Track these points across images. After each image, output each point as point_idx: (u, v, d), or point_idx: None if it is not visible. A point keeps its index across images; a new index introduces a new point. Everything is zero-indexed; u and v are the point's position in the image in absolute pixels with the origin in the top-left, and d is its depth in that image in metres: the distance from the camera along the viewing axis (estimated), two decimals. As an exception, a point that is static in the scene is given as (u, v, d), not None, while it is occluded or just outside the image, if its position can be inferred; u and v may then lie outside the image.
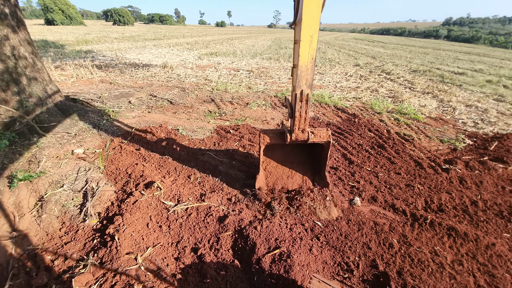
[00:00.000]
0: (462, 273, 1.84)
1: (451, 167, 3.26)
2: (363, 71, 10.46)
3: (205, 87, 6.99)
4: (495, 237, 2.18)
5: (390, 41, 36.81)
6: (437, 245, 2.08)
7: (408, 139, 4.15)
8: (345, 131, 4.41)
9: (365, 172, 3.17)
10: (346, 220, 2.32)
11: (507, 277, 1.81)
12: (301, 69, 1.89)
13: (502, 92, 7.67)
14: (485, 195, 2.74)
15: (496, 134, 4.44)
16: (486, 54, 24.36)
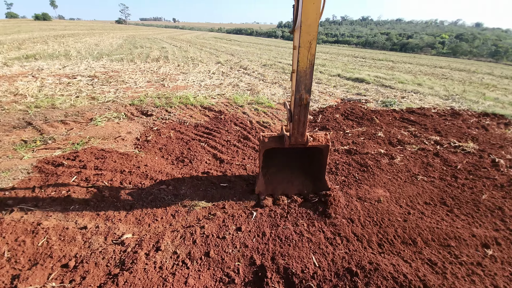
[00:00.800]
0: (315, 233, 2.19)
1: (298, 143, 3.97)
2: (224, 68, 11.10)
3: (13, 106, 4.81)
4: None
5: (244, 40, 41.89)
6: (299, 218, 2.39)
7: (266, 126, 4.71)
8: (214, 130, 4.38)
9: (235, 167, 3.23)
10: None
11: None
12: (300, 75, 1.91)
13: (320, 77, 10.53)
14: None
15: (320, 109, 5.96)
16: (307, 49, 33.03)
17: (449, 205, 2.65)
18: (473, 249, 2.10)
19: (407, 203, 2.66)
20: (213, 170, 3.17)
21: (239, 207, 2.52)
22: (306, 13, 1.70)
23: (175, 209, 2.47)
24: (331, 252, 2.00)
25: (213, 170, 3.17)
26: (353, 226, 2.28)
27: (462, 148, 4.01)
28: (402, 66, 18.55)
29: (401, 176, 3.16)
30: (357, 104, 6.50)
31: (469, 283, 1.79)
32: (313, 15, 1.71)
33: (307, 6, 1.66)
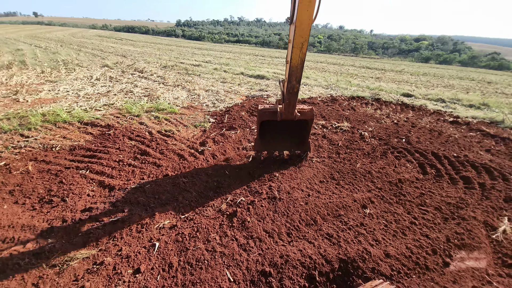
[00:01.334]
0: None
1: (205, 148, 3.77)
2: (113, 72, 9.42)
3: None
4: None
5: (138, 39, 37.32)
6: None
7: (170, 135, 4.24)
8: (99, 151, 3.53)
9: (129, 192, 2.68)
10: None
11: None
12: (292, 69, 2.29)
13: (224, 76, 10.62)
14: (232, 161, 3.45)
15: (226, 108, 5.94)
16: (210, 48, 32.96)
17: (336, 178, 3.13)
18: (356, 212, 2.53)
19: (307, 185, 2.96)
20: (99, 203, 2.51)
21: (138, 241, 2.08)
22: (301, 19, 1.94)
23: (38, 274, 1.77)
24: (245, 259, 1.92)
25: (99, 203, 2.51)
26: (264, 224, 2.30)
27: (340, 127, 4.91)
28: (294, 62, 21.45)
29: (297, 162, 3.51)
30: (260, 100, 6.90)
31: (357, 244, 2.12)
32: (306, 21, 1.96)
33: (302, 12, 1.88)
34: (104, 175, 3.00)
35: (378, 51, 67.06)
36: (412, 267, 1.92)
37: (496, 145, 4.64)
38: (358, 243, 2.13)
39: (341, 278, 1.82)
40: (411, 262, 1.95)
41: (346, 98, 7.94)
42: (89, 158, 3.33)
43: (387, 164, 3.56)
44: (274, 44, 60.65)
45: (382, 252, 2.02)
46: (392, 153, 3.92)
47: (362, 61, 33.77)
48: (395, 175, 3.26)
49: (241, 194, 2.72)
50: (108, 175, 2.99)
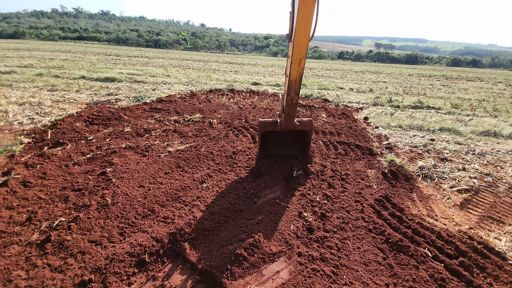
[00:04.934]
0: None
1: (9, 177, 2.89)
2: None
3: None
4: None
5: None
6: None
7: None
8: None
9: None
10: None
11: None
12: (291, 83, 2.45)
13: (54, 82, 8.37)
14: (50, 185, 2.85)
15: (53, 122, 4.78)
16: (36, 48, 24.74)
17: (181, 166, 3.36)
18: (195, 189, 2.85)
19: (150, 181, 2.98)
20: None
21: None
22: (298, 38, 2.08)
23: None
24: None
25: None
26: (90, 235, 2.12)
27: (192, 119, 5.23)
28: (156, 61, 20.16)
29: (146, 161, 3.46)
30: (106, 106, 6.05)
31: (189, 215, 2.40)
32: (303, 39, 2.10)
33: (299, 32, 2.02)
34: None
35: (239, 47, 75.34)
36: (231, 215, 2.44)
37: (305, 112, 6.56)
38: (190, 213, 2.43)
39: (170, 249, 2.03)
40: (229, 212, 2.47)
41: (204, 92, 8.47)
42: None
43: (227, 142, 4.20)
44: (132, 41, 53.97)
45: (208, 213, 2.41)
46: (233, 133, 4.66)
47: (226, 57, 36.92)
48: (231, 149, 3.91)
49: (63, 215, 2.35)
50: None
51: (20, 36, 50.26)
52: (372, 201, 2.86)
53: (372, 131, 5.28)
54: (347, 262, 2.04)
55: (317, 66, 28.16)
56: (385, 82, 14.99)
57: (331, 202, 2.78)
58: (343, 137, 4.73)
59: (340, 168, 3.57)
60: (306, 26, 2.00)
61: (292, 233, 2.25)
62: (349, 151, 4.19)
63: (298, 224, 2.38)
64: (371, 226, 2.47)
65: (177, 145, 4.03)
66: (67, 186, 2.82)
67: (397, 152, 4.28)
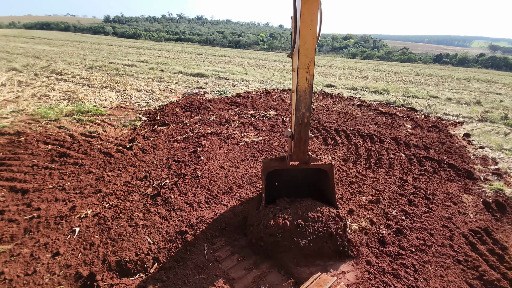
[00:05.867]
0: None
1: (133, 144, 3.85)
2: (23, 76, 8.20)
3: None
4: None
5: (56, 37, 32.36)
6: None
7: (95, 135, 4.14)
8: (8, 158, 3.27)
9: (47, 193, 2.66)
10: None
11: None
12: (300, 94, 1.96)
13: (161, 75, 10.35)
14: (159, 154, 3.64)
15: (160, 107, 5.98)
16: (148, 47, 30.88)
17: (256, 156, 3.68)
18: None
19: (229, 164, 3.41)
20: (11, 206, 2.44)
21: (56, 231, 2.16)
22: (304, 38, 1.79)
23: None
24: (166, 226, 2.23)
25: (11, 206, 2.44)
26: (186, 198, 2.64)
27: (266, 115, 5.57)
28: (236, 60, 22.00)
29: (227, 146, 3.95)
30: (197, 97, 7.11)
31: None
32: (310, 39, 1.80)
33: (304, 31, 1.77)
34: (15, 181, 2.84)
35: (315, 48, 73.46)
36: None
37: (385, 120, 5.99)
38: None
39: (243, 225, 2.31)
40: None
41: (278, 91, 8.79)
42: (-5, 167, 3.07)
43: (298, 140, 4.30)
44: (218, 42, 60.26)
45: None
46: (305, 132, 4.72)
47: (300, 57, 36.73)
48: (302, 148, 3.99)
49: (168, 178, 2.99)
50: (19, 180, 2.85)
51: (137, 36, 63.70)
52: (465, 230, 2.44)
53: (474, 151, 4.36)
54: (425, 286, 1.85)
55: (404, 70, 24.66)
56: (499, 94, 11.84)
57: (410, 220, 2.52)
58: (432, 153, 4.11)
59: (425, 187, 3.15)
60: (312, 25, 1.78)
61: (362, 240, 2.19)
62: (439, 169, 3.62)
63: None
64: (461, 258, 2.13)
65: (252, 136, 4.41)
66: (170, 157, 3.54)
67: (508, 181, 3.43)
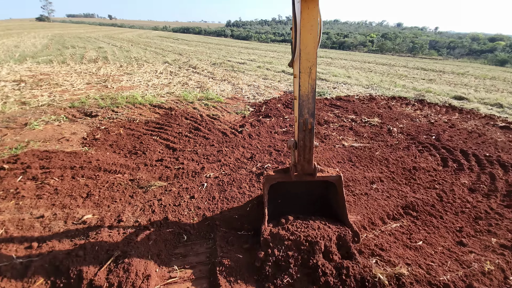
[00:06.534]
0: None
1: (243, 129, 4.55)
2: (172, 68, 11.04)
3: None
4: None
5: (192, 39, 40.97)
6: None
7: (216, 118, 5.16)
8: (165, 125, 4.63)
9: (187, 153, 3.61)
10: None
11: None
12: (303, 99, 1.91)
13: (266, 73, 11.39)
14: (262, 141, 4.16)
15: (265, 101, 6.67)
16: (256, 47, 34.21)
17: (353, 161, 3.56)
18: (363, 186, 2.97)
19: (325, 163, 3.47)
20: (167, 157, 3.49)
21: (192, 182, 2.94)
22: (305, 43, 1.82)
23: (132, 191, 2.75)
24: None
25: (167, 157, 3.49)
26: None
27: (369, 122, 5.17)
28: (338, 62, 21.05)
29: (323, 146, 4.01)
30: (296, 95, 7.44)
31: (358, 207, 2.60)
32: (311, 44, 1.83)
33: (305, 36, 1.81)
34: (168, 141, 4.02)
35: (442, 51, 59.33)
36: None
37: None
38: (355, 204, 2.61)
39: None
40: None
41: (385, 98, 7.89)
42: (158, 129, 4.43)
43: (407, 155, 3.80)
44: (321, 43, 59.02)
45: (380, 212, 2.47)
46: (416, 147, 4.10)
47: (419, 62, 30.72)
48: (411, 163, 3.52)
49: (269, 163, 3.41)
50: (171, 141, 4.00)
51: (249, 38, 71.54)
52: None
53: None
54: None
55: None
56: None
57: None
58: None
59: None
60: (312, 30, 1.79)
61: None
62: None
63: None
64: None
65: (351, 141, 4.26)
66: (271, 145, 3.98)
67: None
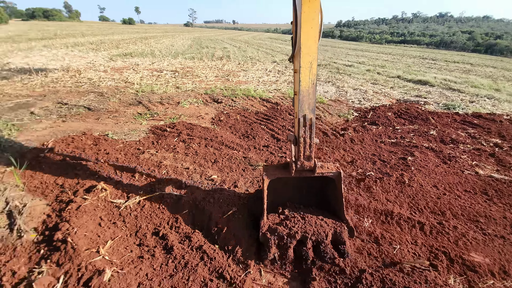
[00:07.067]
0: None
1: (345, 132, 4.45)
2: (280, 67, 11.90)
3: (127, 90, 6.57)
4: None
5: (299, 40, 42.01)
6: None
7: (317, 117, 5.28)
8: (271, 117, 5.19)
9: (289, 145, 3.95)
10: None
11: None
12: (303, 94, 1.89)
13: (376, 78, 10.35)
14: (366, 148, 3.95)
15: (372, 107, 6.17)
16: (367, 49, 31.21)
17: (489, 195, 2.82)
18: (501, 227, 2.34)
19: (445, 187, 2.93)
20: (271, 145, 3.96)
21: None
22: (306, 37, 1.78)
23: (244, 166, 3.34)
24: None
25: (271, 145, 3.96)
26: (387, 195, 2.74)
27: (528, 152, 3.84)
28: (482, 69, 16.16)
29: (446, 168, 3.36)
30: (414, 105, 6.42)
31: (488, 248, 2.11)
32: (312, 38, 1.79)
33: (306, 30, 1.77)
34: (273, 131, 4.51)
35: None
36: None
37: None
38: (484, 244, 2.11)
39: (454, 256, 2.01)
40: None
41: None
42: (266, 120, 5.03)
43: None
44: (457, 45, 46.86)
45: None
46: None
47: None
48: None
49: (371, 171, 3.24)
50: (276, 132, 4.47)
51: (359, 39, 65.76)
52: None
53: None
54: None
55: None
56: None
57: None
58: None
59: None
60: (313, 23, 1.74)
61: None
62: None
63: None
64: None
65: (490, 170, 3.35)
66: (376, 154, 3.73)
67: None
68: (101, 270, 1.72)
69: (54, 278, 1.68)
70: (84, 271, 1.72)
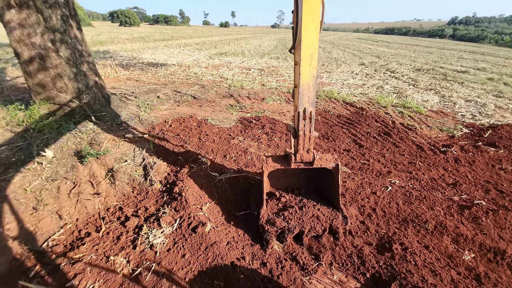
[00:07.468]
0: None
1: (448, 149, 3.78)
2: (368, 70, 10.95)
3: (222, 84, 7.57)
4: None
5: (394, 40, 37.07)
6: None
7: (411, 128, 4.66)
8: (354, 122, 4.94)
9: (373, 153, 3.70)
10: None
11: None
12: (303, 87, 1.90)
13: (502, 89, 8.10)
14: (477, 172, 3.26)
15: (492, 125, 4.93)
16: (490, 53, 24.51)
17: None
18: None
19: None
20: (353, 150, 3.81)
21: (376, 180, 3.06)
22: (307, 28, 1.74)
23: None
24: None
25: (353, 150, 3.81)
26: (503, 233, 2.23)
27: None
28: None
29: None
30: None
31: None
32: (313, 30, 1.74)
33: (307, 21, 1.72)
34: (356, 137, 4.30)
35: None
36: None
37: None
38: None
39: None
40: None
41: None
42: (348, 124, 4.83)
43: None
44: None
45: None
46: None
47: None
48: None
49: (481, 200, 2.68)
50: (358, 138, 4.25)
51: (480, 40, 52.06)
52: None
53: None
54: None
55: None
56: None
57: None
58: None
59: None
60: (314, 14, 1.68)
61: None
62: None
63: None
64: None
65: None
66: (491, 181, 3.04)
67: None
68: (204, 222, 2.19)
69: (173, 219, 2.25)
70: (192, 220, 2.23)
